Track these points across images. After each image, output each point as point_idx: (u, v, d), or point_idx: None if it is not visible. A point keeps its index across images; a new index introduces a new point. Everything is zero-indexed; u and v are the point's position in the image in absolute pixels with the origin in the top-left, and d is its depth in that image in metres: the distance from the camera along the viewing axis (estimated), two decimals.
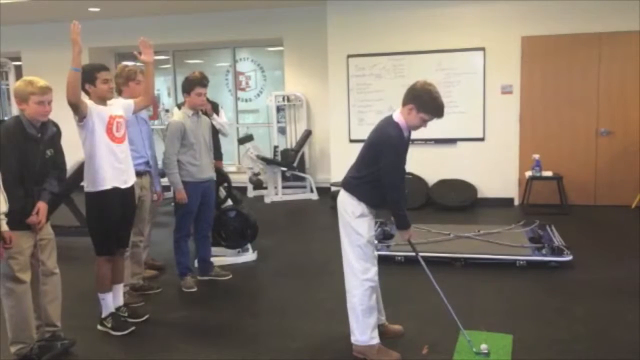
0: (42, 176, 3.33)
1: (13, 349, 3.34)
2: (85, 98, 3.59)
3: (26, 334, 3.34)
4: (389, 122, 3.22)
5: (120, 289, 3.96)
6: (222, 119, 5.48)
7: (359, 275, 3.24)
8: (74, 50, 3.33)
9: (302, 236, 6.53)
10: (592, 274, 4.74)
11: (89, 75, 3.58)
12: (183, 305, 4.41)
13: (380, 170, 3.15)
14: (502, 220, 6.47)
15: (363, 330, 3.27)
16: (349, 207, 3.27)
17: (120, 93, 4.36)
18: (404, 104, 3.17)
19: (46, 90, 3.24)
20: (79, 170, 4.99)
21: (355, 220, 3.24)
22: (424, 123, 3.18)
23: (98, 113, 3.59)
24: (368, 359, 3.28)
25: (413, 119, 3.15)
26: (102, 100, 3.66)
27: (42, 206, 3.30)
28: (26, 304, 3.30)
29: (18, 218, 3.17)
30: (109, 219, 3.70)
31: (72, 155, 4.25)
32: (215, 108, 5.43)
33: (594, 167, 7.42)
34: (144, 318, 3.99)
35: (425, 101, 3.10)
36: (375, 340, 3.28)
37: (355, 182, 3.29)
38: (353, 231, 3.25)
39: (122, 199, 3.73)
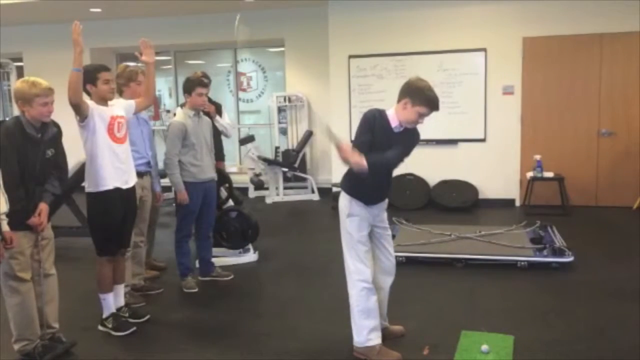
0: (43, 177, 3.33)
1: (17, 346, 3.35)
2: (86, 98, 3.60)
3: (30, 330, 3.35)
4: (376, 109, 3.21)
5: (121, 289, 3.96)
6: (225, 120, 5.48)
7: (353, 276, 3.24)
8: (75, 51, 3.33)
9: (303, 237, 6.53)
10: (594, 275, 4.73)
11: (90, 76, 3.59)
12: (184, 305, 4.41)
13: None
14: (504, 221, 6.46)
15: (359, 331, 3.27)
16: (342, 206, 3.30)
17: (121, 94, 4.36)
18: (399, 99, 3.16)
19: (50, 91, 3.25)
20: (80, 171, 5.00)
21: (346, 220, 3.26)
22: (420, 118, 3.14)
23: (99, 113, 3.60)
24: (368, 359, 3.28)
25: (409, 114, 3.12)
26: (103, 100, 3.67)
27: (43, 207, 3.31)
28: (30, 302, 3.32)
29: (19, 218, 3.17)
30: (110, 220, 3.70)
31: (74, 155, 4.26)
32: (218, 109, 5.43)
33: (596, 168, 7.42)
34: (145, 318, 3.99)
35: (419, 94, 3.08)
36: (373, 342, 3.26)
37: (346, 178, 3.32)
38: (345, 230, 3.27)
39: (123, 199, 3.73)
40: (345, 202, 3.28)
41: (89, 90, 3.63)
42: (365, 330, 3.25)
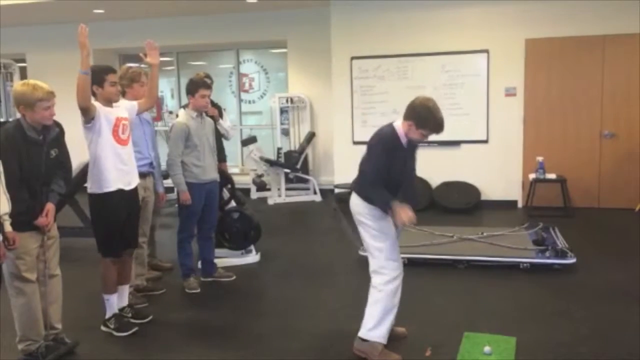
0: (49, 177, 3.35)
1: (20, 346, 3.37)
2: (92, 100, 3.61)
3: (35, 331, 3.36)
4: (388, 125, 3.28)
5: (125, 289, 3.98)
6: (226, 123, 5.49)
7: (388, 272, 3.28)
8: (82, 54, 3.34)
9: (305, 238, 6.53)
10: (596, 276, 4.73)
11: (97, 77, 3.60)
12: (186, 306, 4.42)
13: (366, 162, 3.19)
14: (506, 222, 6.45)
15: (376, 325, 3.28)
16: (365, 207, 3.29)
17: (123, 95, 4.36)
18: (405, 118, 3.20)
19: (52, 95, 3.25)
20: (83, 172, 5.01)
21: (376, 220, 3.28)
22: (424, 137, 3.22)
23: (105, 115, 3.61)
24: (369, 358, 3.28)
25: (413, 134, 3.19)
26: (108, 102, 3.69)
27: (50, 207, 3.33)
28: (35, 302, 3.33)
29: (25, 219, 3.18)
30: (114, 221, 3.71)
31: (76, 155, 4.27)
32: (219, 111, 5.44)
33: (598, 169, 7.41)
34: (147, 319, 4.00)
35: (424, 118, 3.12)
36: (384, 340, 3.30)
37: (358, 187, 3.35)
38: (374, 230, 3.29)
39: (126, 200, 3.75)
40: (365, 208, 3.29)
41: (95, 92, 3.64)
42: (384, 327, 3.27)
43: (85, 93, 3.42)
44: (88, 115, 3.52)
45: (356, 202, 3.32)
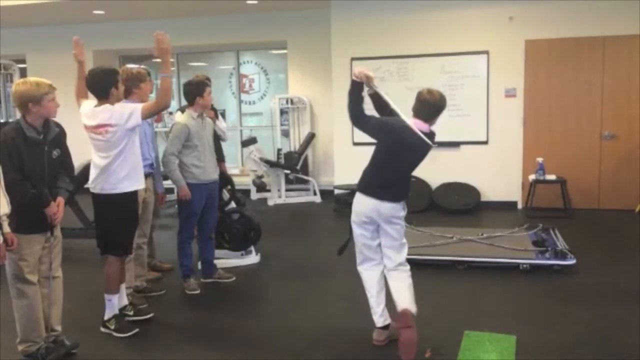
0: (54, 177, 3.36)
1: (21, 347, 3.36)
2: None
3: (36, 333, 3.36)
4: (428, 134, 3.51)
5: (124, 288, 4.00)
6: (222, 125, 5.51)
7: (408, 267, 3.61)
8: (166, 59, 3.54)
9: (305, 239, 6.54)
10: (596, 277, 4.73)
11: (115, 80, 3.67)
12: (186, 307, 4.42)
13: None
14: (506, 223, 6.45)
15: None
16: (401, 213, 3.51)
17: (128, 95, 4.35)
18: (430, 119, 3.49)
19: (54, 87, 3.30)
20: (84, 172, 5.00)
21: (403, 222, 3.55)
22: None
23: None
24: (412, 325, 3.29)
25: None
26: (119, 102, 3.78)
27: (61, 201, 3.37)
28: (37, 304, 3.33)
29: (28, 221, 3.18)
30: (137, 215, 3.89)
31: (77, 156, 4.27)
32: (215, 113, 5.46)
33: (598, 170, 7.41)
34: (149, 315, 4.02)
35: (444, 108, 3.47)
36: None
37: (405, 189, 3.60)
38: (403, 233, 3.56)
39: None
40: (402, 210, 3.50)
41: (112, 93, 3.66)
42: None
43: (171, 95, 3.61)
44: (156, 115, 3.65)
45: (395, 208, 3.44)
